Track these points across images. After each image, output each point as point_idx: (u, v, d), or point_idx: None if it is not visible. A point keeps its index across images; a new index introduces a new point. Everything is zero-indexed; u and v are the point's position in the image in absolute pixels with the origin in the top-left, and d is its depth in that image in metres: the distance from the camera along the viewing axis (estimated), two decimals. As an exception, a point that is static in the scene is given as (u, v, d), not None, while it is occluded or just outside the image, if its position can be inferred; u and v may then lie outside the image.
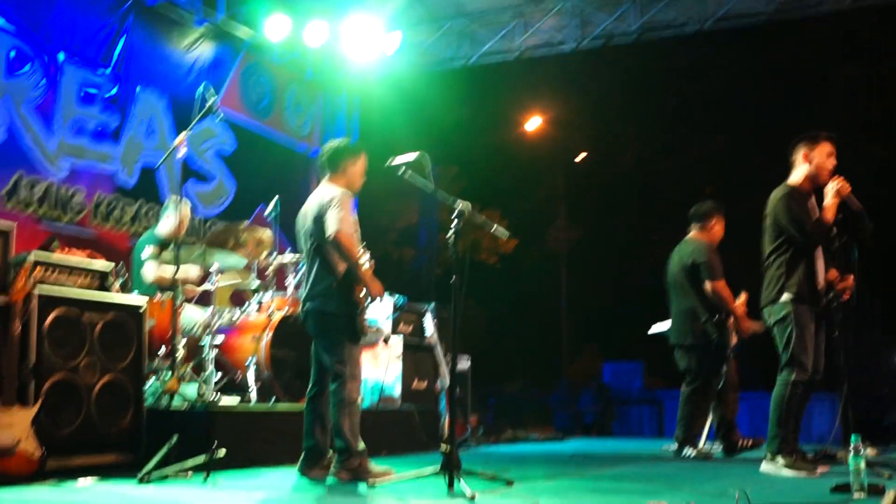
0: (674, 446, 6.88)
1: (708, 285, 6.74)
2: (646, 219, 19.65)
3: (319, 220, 4.79)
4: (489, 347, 18.84)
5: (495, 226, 4.66)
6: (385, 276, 8.49)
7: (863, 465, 3.90)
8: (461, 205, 4.34)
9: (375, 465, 4.78)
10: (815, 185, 5.54)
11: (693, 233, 7.12)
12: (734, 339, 6.91)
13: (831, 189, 5.41)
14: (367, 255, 5.01)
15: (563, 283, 20.91)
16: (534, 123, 19.71)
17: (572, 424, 13.67)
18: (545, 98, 19.38)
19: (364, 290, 4.80)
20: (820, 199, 5.52)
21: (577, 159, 20.62)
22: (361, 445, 4.75)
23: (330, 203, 4.78)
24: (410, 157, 4.58)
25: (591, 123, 20.25)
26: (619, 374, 16.11)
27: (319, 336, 4.91)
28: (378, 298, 4.90)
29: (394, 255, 19.14)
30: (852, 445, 3.95)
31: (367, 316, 4.90)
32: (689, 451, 6.75)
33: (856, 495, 3.89)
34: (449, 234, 4.29)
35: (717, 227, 7.09)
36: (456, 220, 4.32)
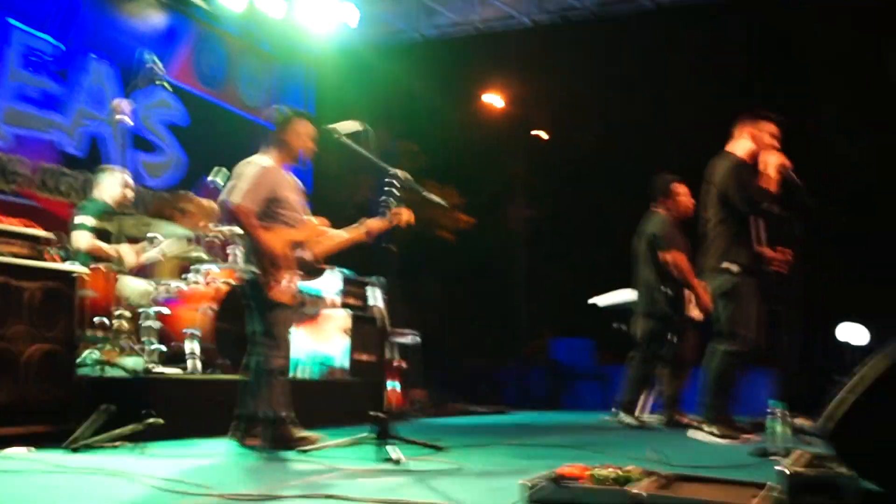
0: (614, 413, 7.04)
1: (662, 256, 6.92)
2: (605, 197, 19.75)
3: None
4: (445, 324, 18.90)
5: (431, 195, 4.69)
6: (340, 252, 8.54)
7: (780, 429, 4.00)
8: (397, 172, 4.35)
9: (302, 432, 4.76)
10: (753, 162, 5.62)
11: (653, 206, 7.26)
12: (695, 313, 7.02)
13: (773, 163, 5.49)
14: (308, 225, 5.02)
15: (522, 261, 21.02)
16: (494, 100, 19.73)
17: (522, 400, 13.82)
18: (504, 74, 19.37)
19: (270, 259, 4.77)
20: (757, 174, 5.61)
21: (536, 133, 20.68)
22: (284, 413, 4.74)
23: (241, 175, 4.85)
24: (349, 124, 4.57)
25: (552, 101, 20.25)
26: (570, 350, 16.28)
27: (246, 302, 4.93)
28: (284, 265, 4.81)
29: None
30: (770, 410, 4.04)
31: (287, 284, 4.82)
32: (627, 418, 6.91)
33: (772, 458, 3.99)
34: (383, 199, 4.30)
35: (681, 198, 7.19)
36: (391, 187, 4.33)
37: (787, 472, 2.79)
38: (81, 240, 6.55)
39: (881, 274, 13.37)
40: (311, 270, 5.08)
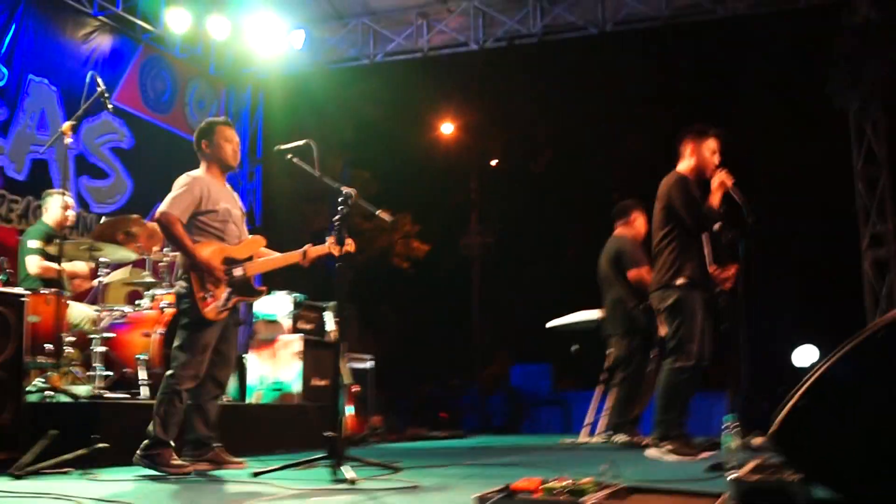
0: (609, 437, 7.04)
1: (630, 273, 7.04)
2: (558, 222, 19.90)
3: None
4: (401, 351, 18.82)
5: (380, 212, 4.67)
6: (298, 280, 8.49)
7: (735, 443, 4.01)
8: (346, 190, 4.33)
9: (176, 459, 4.62)
10: (699, 178, 5.70)
11: (618, 229, 7.46)
12: (662, 331, 7.06)
13: (716, 180, 5.57)
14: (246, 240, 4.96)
15: (475, 288, 21.05)
16: (446, 128, 19.83)
17: (482, 426, 13.76)
18: (455, 101, 19.52)
19: (197, 272, 4.64)
20: (704, 191, 5.69)
21: (491, 161, 20.81)
22: (170, 436, 4.61)
23: (173, 186, 4.79)
24: (298, 144, 4.55)
25: (503, 127, 20.42)
26: (528, 376, 16.29)
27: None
28: (211, 280, 4.66)
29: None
30: (724, 425, 4.06)
31: (216, 300, 4.67)
32: (619, 438, 6.93)
33: (728, 472, 3.99)
34: (335, 219, 4.27)
35: (639, 222, 7.40)
36: (342, 206, 4.31)
37: (736, 480, 2.80)
38: (31, 264, 6.44)
39: (830, 293, 13.63)
40: (248, 290, 4.91)
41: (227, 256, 4.78)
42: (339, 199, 4.32)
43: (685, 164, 5.76)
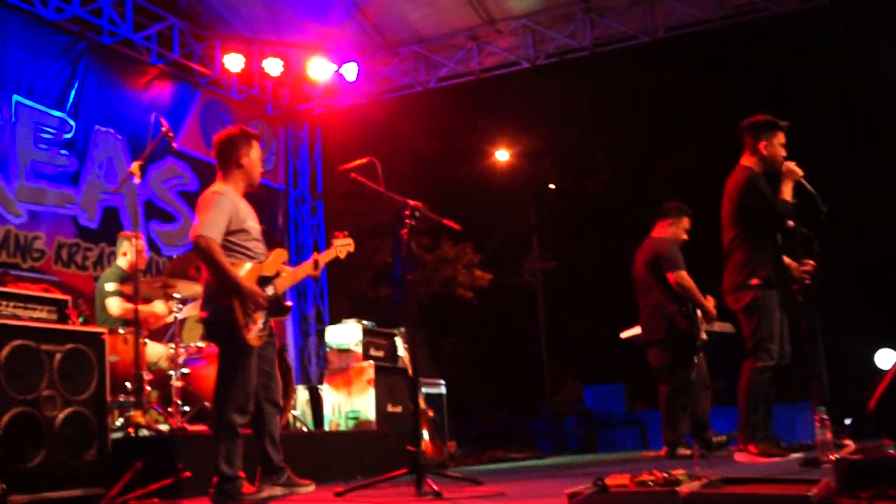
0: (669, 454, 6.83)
1: (671, 276, 6.74)
2: (617, 240, 19.73)
3: None
4: (470, 381, 18.75)
5: (447, 221, 4.67)
6: (364, 314, 8.53)
7: (830, 435, 3.88)
8: (413, 203, 4.34)
9: (250, 488, 4.54)
10: (766, 171, 5.58)
11: (655, 230, 7.16)
12: (703, 335, 6.88)
13: (786, 172, 5.45)
14: (249, 264, 4.60)
15: (541, 312, 20.91)
16: (501, 154, 19.85)
17: (557, 449, 13.61)
18: (509, 126, 19.54)
19: (239, 297, 4.39)
20: (772, 185, 5.56)
21: (550, 187, 20.76)
22: (236, 470, 4.48)
23: (200, 204, 4.52)
24: (361, 162, 4.58)
25: (558, 149, 20.39)
26: (601, 397, 16.13)
27: (218, 348, 4.65)
28: (255, 305, 4.43)
29: (370, 294, 19.08)
30: (818, 417, 3.93)
31: (259, 326, 4.47)
32: (682, 452, 6.71)
33: (825, 463, 3.86)
34: (404, 232, 4.27)
35: (679, 227, 7.09)
36: (410, 219, 4.31)
37: (840, 459, 2.71)
38: (113, 305, 6.59)
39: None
40: (279, 309, 4.73)
41: (260, 276, 4.59)
42: (406, 213, 4.32)
43: (752, 158, 5.63)
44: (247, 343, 4.42)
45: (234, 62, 9.42)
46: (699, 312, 6.77)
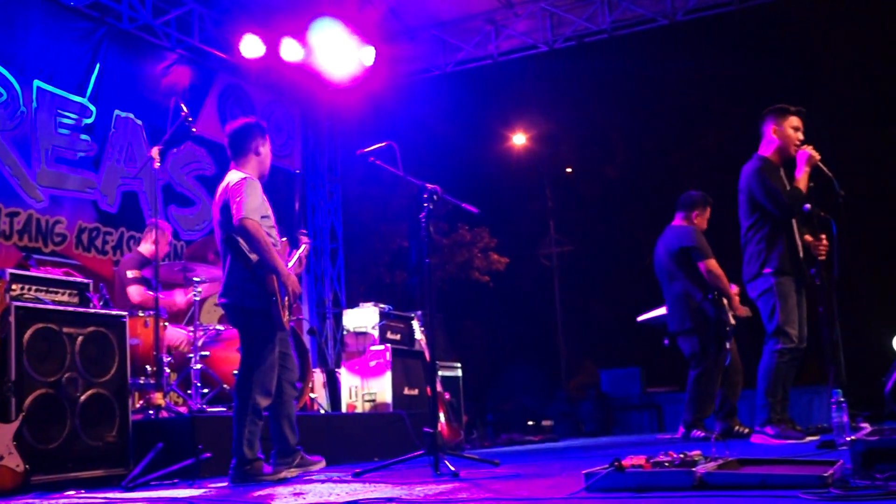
0: (685, 436, 6.85)
1: (702, 265, 6.73)
2: (635, 225, 19.69)
3: (226, 209, 4.58)
4: (488, 364, 18.82)
5: (465, 204, 4.68)
6: (381, 298, 8.58)
7: (846, 418, 3.89)
8: (431, 187, 4.36)
9: (269, 469, 4.64)
10: (783, 158, 5.57)
11: (677, 220, 7.15)
12: (731, 321, 6.85)
13: (802, 157, 5.44)
14: (280, 244, 4.90)
15: (557, 296, 20.90)
16: (518, 138, 19.81)
17: (573, 433, 13.63)
18: (526, 110, 19.49)
19: (278, 280, 4.52)
20: (789, 171, 5.56)
21: (567, 170, 20.72)
22: (255, 452, 4.57)
23: (235, 189, 4.56)
24: (379, 146, 4.60)
25: (575, 133, 20.33)
26: (618, 380, 16.10)
27: (239, 333, 4.75)
28: (294, 290, 4.59)
29: (386, 278, 19.15)
30: (834, 400, 3.94)
31: (286, 310, 4.60)
32: (697, 434, 6.73)
33: (841, 447, 3.87)
34: (422, 215, 4.29)
35: (701, 218, 7.09)
36: (427, 203, 4.33)
37: (856, 441, 2.71)
38: (134, 293, 6.66)
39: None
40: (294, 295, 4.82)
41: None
42: (425, 196, 4.34)
43: (768, 145, 5.63)
44: (282, 325, 4.55)
45: (252, 47, 9.43)
46: (724, 300, 6.76)
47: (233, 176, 4.70)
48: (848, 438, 2.74)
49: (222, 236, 4.66)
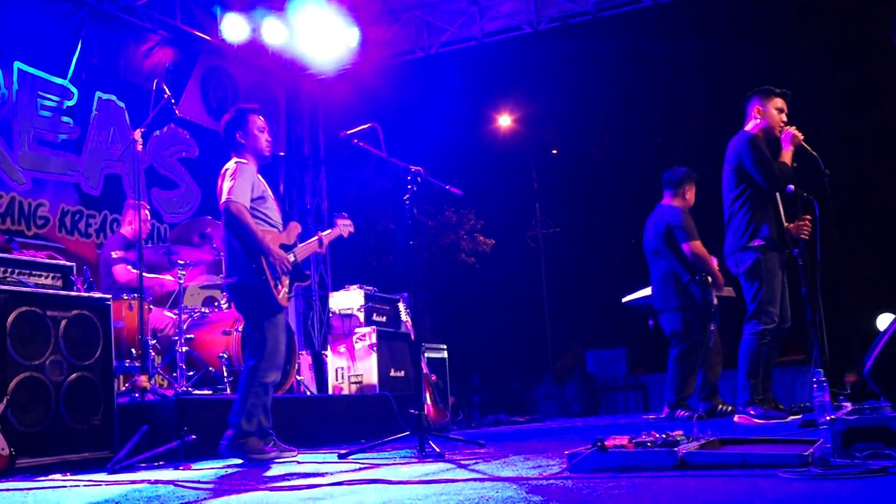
0: (669, 415, 6.88)
1: (686, 247, 6.76)
2: (619, 206, 19.73)
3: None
4: (473, 346, 18.86)
5: (448, 186, 4.68)
6: (366, 280, 8.57)
7: (827, 397, 3.92)
8: (415, 169, 4.36)
9: (260, 443, 4.68)
10: (767, 138, 5.59)
11: (666, 199, 7.16)
12: (715, 301, 6.90)
13: (787, 137, 5.47)
14: (290, 227, 5.01)
15: (544, 278, 20.97)
16: (503, 120, 19.80)
17: (560, 412, 13.73)
18: (511, 93, 19.47)
19: (267, 260, 4.63)
20: (772, 152, 5.58)
21: (553, 152, 20.74)
22: (253, 426, 4.64)
23: (224, 174, 4.75)
24: (363, 128, 4.60)
25: (561, 115, 20.32)
26: (603, 362, 16.20)
27: (241, 312, 4.88)
28: (282, 268, 4.68)
29: (372, 260, 19.14)
30: (815, 380, 3.97)
31: (284, 288, 4.71)
32: (681, 414, 6.76)
33: (822, 424, 3.92)
34: (406, 198, 4.29)
35: (689, 194, 7.11)
36: (412, 185, 4.33)
37: (836, 419, 2.74)
38: (119, 273, 6.63)
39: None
40: (301, 275, 5.00)
41: (281, 243, 4.83)
42: (409, 178, 4.34)
43: (752, 124, 5.66)
44: (278, 303, 4.65)
45: (235, 28, 9.36)
46: (709, 279, 6.79)
47: (229, 163, 4.87)
48: (828, 417, 2.76)
49: (222, 219, 4.82)
